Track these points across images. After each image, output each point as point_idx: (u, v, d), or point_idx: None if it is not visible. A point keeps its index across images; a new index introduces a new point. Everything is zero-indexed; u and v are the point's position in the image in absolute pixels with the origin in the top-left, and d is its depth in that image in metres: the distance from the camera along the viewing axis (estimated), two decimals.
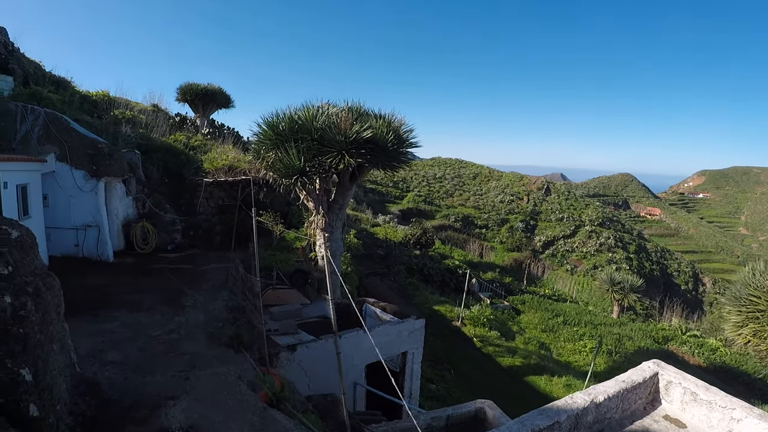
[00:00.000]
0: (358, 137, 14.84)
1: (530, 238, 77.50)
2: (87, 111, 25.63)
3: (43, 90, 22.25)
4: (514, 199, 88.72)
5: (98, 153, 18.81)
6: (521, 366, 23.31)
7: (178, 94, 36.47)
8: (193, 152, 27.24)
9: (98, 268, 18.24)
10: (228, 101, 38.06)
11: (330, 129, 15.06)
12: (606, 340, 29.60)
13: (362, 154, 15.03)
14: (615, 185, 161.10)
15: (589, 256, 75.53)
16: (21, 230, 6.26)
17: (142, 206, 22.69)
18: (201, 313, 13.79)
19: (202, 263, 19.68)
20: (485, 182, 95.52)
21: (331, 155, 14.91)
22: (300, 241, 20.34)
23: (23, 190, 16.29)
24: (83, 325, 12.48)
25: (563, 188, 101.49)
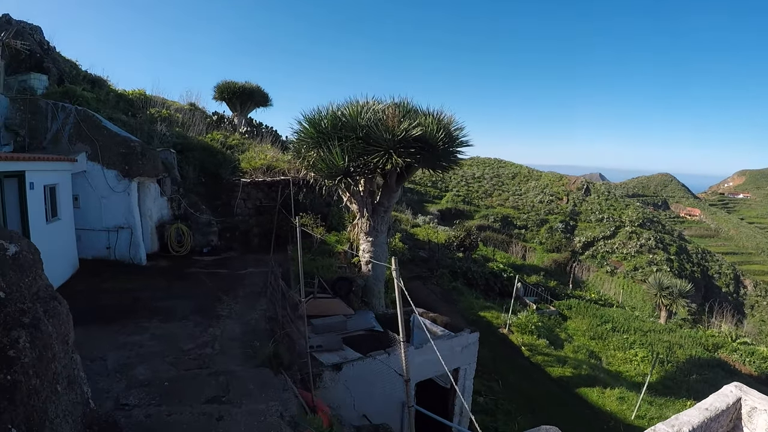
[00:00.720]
0: (407, 135, 13.60)
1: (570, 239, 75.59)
2: (122, 110, 24.93)
3: (77, 88, 21.49)
4: (553, 199, 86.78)
5: (131, 152, 17.95)
6: (572, 377, 21.87)
7: (216, 93, 35.76)
8: (231, 151, 26.40)
9: (130, 272, 17.41)
10: (266, 99, 37.26)
11: (376, 126, 13.85)
12: (656, 347, 27.98)
13: (411, 153, 13.75)
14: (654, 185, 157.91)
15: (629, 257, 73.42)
16: (21, 245, 5.15)
17: (177, 207, 21.87)
18: (237, 324, 12.79)
19: (239, 267, 18.77)
20: (524, 182, 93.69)
21: (378, 155, 13.68)
22: (341, 244, 19.23)
23: (52, 190, 15.50)
24: (112, 336, 11.70)
25: (603, 188, 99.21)
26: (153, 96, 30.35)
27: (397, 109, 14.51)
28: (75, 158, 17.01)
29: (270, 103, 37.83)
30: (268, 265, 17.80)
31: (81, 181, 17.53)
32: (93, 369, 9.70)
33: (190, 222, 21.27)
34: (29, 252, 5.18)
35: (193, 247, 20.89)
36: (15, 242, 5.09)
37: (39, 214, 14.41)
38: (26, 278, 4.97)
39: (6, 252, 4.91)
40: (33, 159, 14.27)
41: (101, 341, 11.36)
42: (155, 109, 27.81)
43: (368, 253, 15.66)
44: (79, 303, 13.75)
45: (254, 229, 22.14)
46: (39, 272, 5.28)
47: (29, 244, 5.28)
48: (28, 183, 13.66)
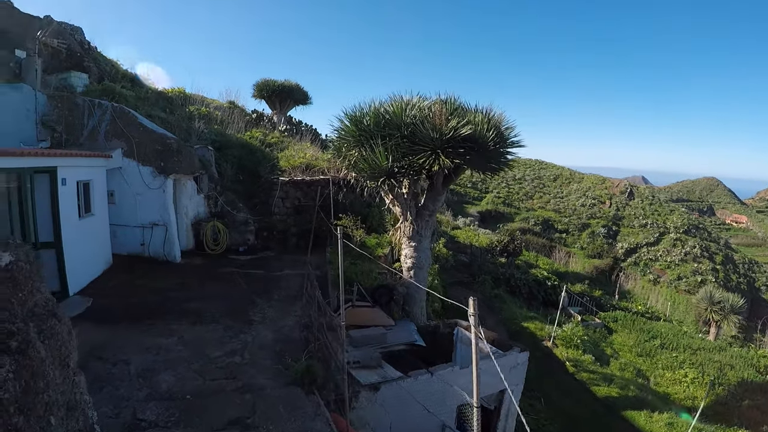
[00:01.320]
0: (456, 134, 12.66)
1: (612, 245, 73.58)
2: (162, 107, 24.48)
3: (116, 86, 21.12)
4: (595, 202, 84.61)
5: (167, 149, 17.52)
6: (618, 397, 20.61)
7: (255, 91, 35.27)
8: (269, 149, 25.88)
9: (163, 269, 16.97)
10: (305, 97, 36.69)
11: (422, 125, 12.95)
12: (707, 368, 26.41)
13: (459, 154, 12.80)
14: (700, 190, 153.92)
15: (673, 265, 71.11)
16: (17, 254, 4.41)
17: (214, 204, 21.34)
18: (269, 331, 12.08)
19: (275, 268, 18.12)
20: (566, 184, 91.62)
21: (424, 155, 12.76)
22: (381, 248, 18.42)
23: (85, 186, 15.14)
24: (138, 337, 11.21)
25: (647, 192, 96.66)
26: (192, 94, 30.11)
27: (443, 106, 13.61)
28: (110, 154, 16.65)
29: (309, 101, 37.23)
30: (305, 266, 17.15)
31: (116, 178, 17.21)
32: (115, 373, 9.34)
33: (226, 220, 20.77)
34: (26, 262, 4.43)
35: (229, 246, 20.39)
36: (10, 251, 4.35)
37: (71, 210, 14.00)
38: (20, 293, 4.22)
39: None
40: (65, 155, 13.83)
41: (127, 342, 10.88)
42: (194, 106, 27.53)
43: (411, 258, 14.79)
44: (108, 300, 13.39)
45: (292, 228, 21.48)
46: (37, 285, 4.53)
47: (28, 254, 4.54)
48: (59, 179, 13.23)
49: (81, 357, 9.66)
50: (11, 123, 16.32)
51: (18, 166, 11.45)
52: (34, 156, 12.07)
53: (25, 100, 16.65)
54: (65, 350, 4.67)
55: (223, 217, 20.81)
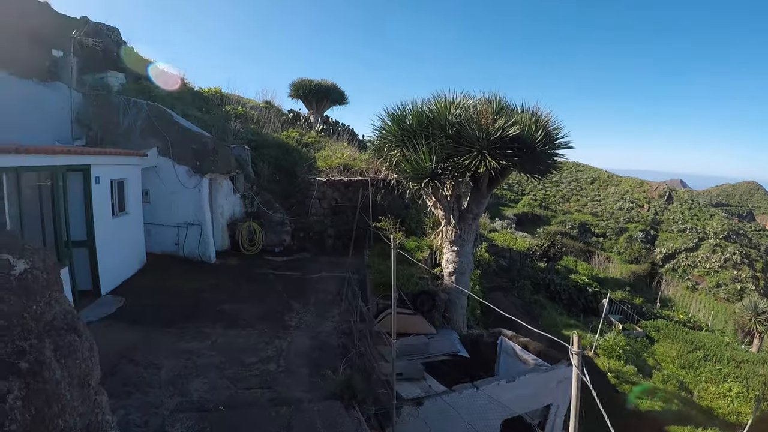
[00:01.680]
0: (503, 135, 12.01)
1: (650, 250, 71.98)
2: (198, 107, 24.51)
3: (151, 85, 21.06)
4: (633, 206, 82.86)
5: (203, 148, 17.15)
6: (661, 411, 19.65)
7: (291, 90, 34.87)
8: (306, 149, 25.47)
9: (197, 270, 16.62)
10: (342, 97, 36.08)
11: (468, 124, 12.32)
12: (751, 382, 25.22)
13: (507, 155, 12.14)
14: (739, 194, 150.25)
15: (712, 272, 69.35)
16: (33, 260, 3.90)
17: (250, 204, 21.02)
18: (306, 337, 11.59)
19: (312, 270, 17.69)
20: (603, 187, 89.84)
21: (469, 156, 12.13)
22: (421, 251, 17.81)
23: (119, 185, 14.86)
24: (170, 340, 10.87)
25: (686, 196, 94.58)
26: (228, 94, 30.08)
27: (489, 105, 12.97)
28: (145, 153, 16.36)
29: (346, 101, 36.56)
30: (342, 268, 16.77)
31: (152, 176, 16.96)
32: (145, 378, 9.04)
33: (262, 220, 20.42)
34: (43, 270, 3.92)
35: (265, 246, 20.04)
36: (26, 257, 3.85)
37: (105, 209, 13.75)
38: (35, 304, 3.71)
39: (11, 271, 3.67)
40: (98, 153, 13.55)
41: (158, 346, 10.54)
42: (230, 106, 27.41)
43: (452, 263, 14.16)
44: (141, 300, 13.05)
45: (329, 229, 20.99)
46: (55, 295, 4.02)
47: (45, 258, 4.03)
48: (93, 177, 12.99)
49: (111, 359, 9.31)
50: (46, 121, 16.20)
51: (50, 164, 11.09)
52: (66, 154, 11.72)
53: (60, 99, 16.53)
54: (85, 368, 4.16)
55: (259, 217, 20.48)
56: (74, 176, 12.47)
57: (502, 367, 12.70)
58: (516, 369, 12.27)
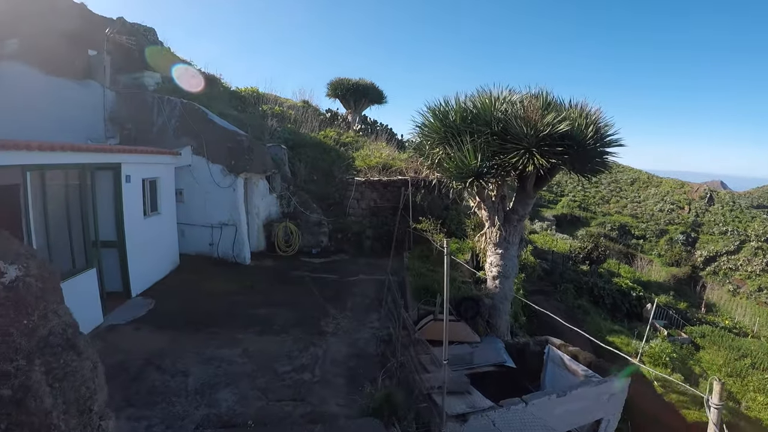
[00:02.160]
0: (552, 131, 11.20)
1: (690, 253, 70.04)
2: (234, 106, 24.34)
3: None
4: (674, 208, 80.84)
5: (238, 146, 16.64)
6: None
7: (329, 90, 34.35)
8: (344, 149, 24.87)
9: (232, 271, 16.11)
10: (380, 96, 35.40)
11: (514, 120, 11.51)
12: None
13: (556, 153, 11.32)
14: None
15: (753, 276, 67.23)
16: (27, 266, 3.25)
17: (287, 204, 20.51)
18: (343, 345, 10.92)
19: (350, 273, 17.03)
20: (643, 188, 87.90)
21: (516, 154, 11.34)
22: (462, 253, 17.06)
23: (152, 184, 14.48)
24: (200, 346, 10.30)
25: (727, 197, 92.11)
26: (265, 93, 29.75)
27: (535, 100, 12.16)
28: (179, 152, 15.96)
29: (385, 100, 35.89)
30: (381, 271, 16.14)
31: (186, 175, 16.57)
32: (171, 387, 8.60)
33: (299, 221, 19.89)
34: (39, 277, 3.28)
35: (302, 248, 19.52)
36: (19, 262, 3.21)
37: (136, 208, 13.36)
38: (25, 319, 3.08)
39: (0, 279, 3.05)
40: (129, 151, 13.08)
41: (187, 352, 9.98)
42: (267, 105, 27.08)
43: (496, 267, 13.34)
44: (171, 303, 12.59)
45: (367, 231, 20.35)
46: (53, 306, 3.38)
47: (41, 265, 3.39)
48: (123, 176, 12.55)
49: (138, 365, 8.67)
50: (79, 120, 15.96)
51: (77, 161, 10.60)
52: (94, 151, 11.30)
53: (93, 97, 16.33)
54: (86, 391, 3.50)
55: (296, 218, 19.97)
56: (104, 175, 12.06)
57: (549, 377, 11.86)
58: (564, 380, 11.45)
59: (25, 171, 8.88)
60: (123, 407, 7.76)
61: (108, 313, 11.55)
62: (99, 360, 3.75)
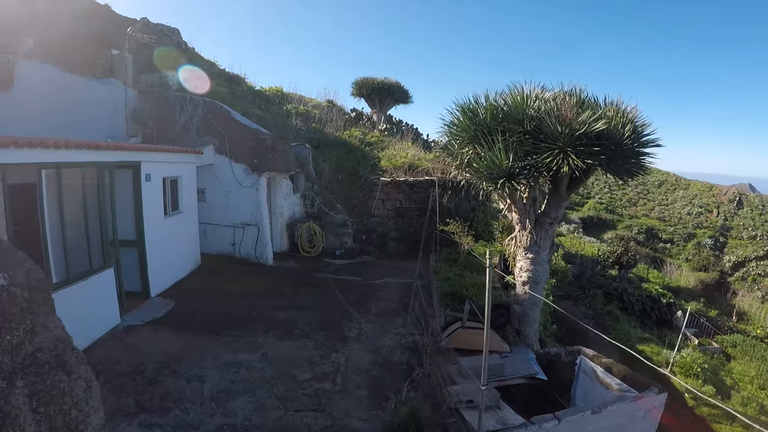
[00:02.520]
0: (588, 130, 10.61)
1: (719, 257, 68.49)
2: (258, 106, 24.01)
3: (210, 82, 20.17)
4: (702, 211, 79.31)
5: (261, 145, 16.24)
6: None
7: (354, 89, 34.05)
8: (369, 149, 24.45)
9: (253, 272, 15.72)
10: (406, 96, 35.05)
11: (548, 118, 10.94)
12: None
13: (593, 153, 10.72)
14: None
15: None
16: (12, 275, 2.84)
17: (311, 205, 20.13)
18: (366, 352, 10.43)
19: (374, 275, 16.53)
20: (671, 191, 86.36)
21: (551, 153, 10.78)
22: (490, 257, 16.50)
23: (173, 183, 14.13)
24: (218, 349, 9.93)
25: (756, 201, 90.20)
26: (290, 93, 29.64)
27: (569, 98, 11.57)
28: (200, 150, 15.63)
29: (410, 100, 35.55)
30: (406, 274, 15.79)
31: (208, 175, 16.26)
32: (186, 393, 8.27)
33: (323, 221, 19.51)
34: (25, 287, 2.85)
35: (325, 249, 19.17)
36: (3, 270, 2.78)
37: (156, 208, 12.99)
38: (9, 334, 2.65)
39: None
40: (149, 149, 12.81)
41: (205, 355, 9.61)
42: (291, 105, 26.90)
43: (526, 272, 12.76)
44: (191, 304, 12.23)
45: (392, 232, 19.88)
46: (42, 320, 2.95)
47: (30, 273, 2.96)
48: (143, 174, 12.20)
49: (153, 368, 8.26)
50: (100, 118, 15.62)
51: (95, 159, 10.20)
52: (113, 149, 10.84)
53: (114, 96, 15.95)
54: (77, 415, 3.07)
55: (320, 219, 19.62)
56: (123, 173, 11.71)
57: (580, 390, 11.21)
58: (596, 394, 10.83)
59: (41, 169, 8.54)
60: (136, 413, 7.47)
61: (126, 313, 11.22)
62: (94, 378, 3.32)
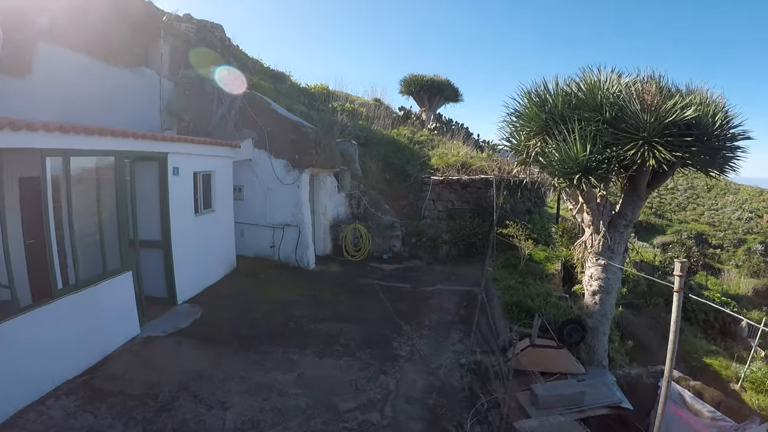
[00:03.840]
0: (677, 119, 8.87)
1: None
2: (303, 103, 22.62)
3: (252, 77, 19.29)
4: (753, 216, 75.75)
5: (303, 139, 14.78)
6: None
7: (402, 86, 32.34)
8: (419, 147, 22.85)
9: (293, 277, 14.18)
10: (456, 94, 33.12)
11: (630, 105, 9.16)
12: None
13: (681, 145, 8.92)
14: None
15: None
16: None
17: (357, 205, 18.56)
18: (419, 374, 8.75)
19: (425, 282, 14.79)
20: (721, 195, 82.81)
21: (635, 144, 9.06)
22: (551, 263, 14.74)
23: (205, 178, 12.75)
24: (247, 368, 8.53)
25: None
26: (336, 91, 28.19)
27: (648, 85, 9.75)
28: (237, 144, 14.17)
29: (460, 98, 33.53)
30: (461, 281, 14.28)
31: (246, 171, 14.88)
32: (206, 421, 6.86)
33: (369, 223, 17.90)
34: None
35: (372, 252, 17.52)
36: None
37: (185, 205, 11.60)
38: None
39: None
40: (177, 140, 11.30)
41: (231, 375, 8.11)
42: (337, 102, 25.41)
43: (597, 280, 10.92)
44: (221, 313, 10.74)
45: (444, 235, 18.04)
46: None
47: None
48: (170, 167, 10.78)
49: (170, 390, 7.87)
50: (133, 110, 14.37)
51: (110, 148, 8.75)
52: (132, 138, 9.33)
53: (148, 87, 14.80)
54: None
55: (366, 220, 18.03)
56: (147, 166, 10.37)
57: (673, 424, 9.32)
58: (683, 422, 9.00)
59: (44, 156, 7.12)
60: None
61: (147, 322, 9.82)
62: None
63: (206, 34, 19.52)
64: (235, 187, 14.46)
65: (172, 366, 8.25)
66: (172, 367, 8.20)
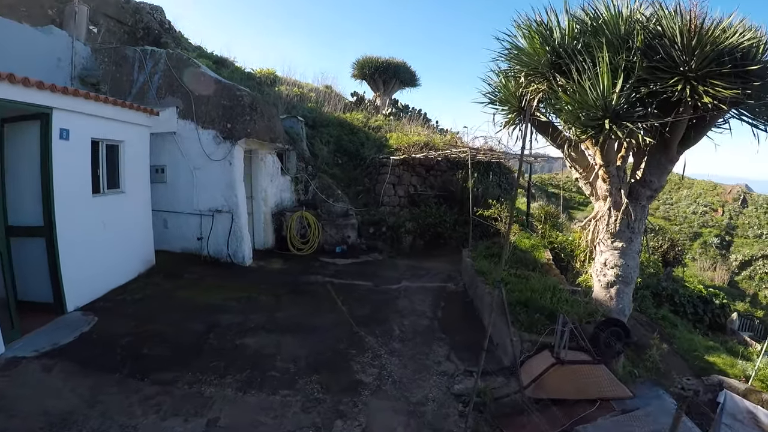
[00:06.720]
0: (731, 46, 6.31)
1: (725, 257, 64.57)
2: (248, 86, 19.69)
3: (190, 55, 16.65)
4: (707, 210, 75.50)
5: (236, 104, 11.99)
6: None
7: (355, 69, 30.17)
8: (373, 132, 20.45)
9: (223, 277, 11.24)
10: (413, 78, 31.16)
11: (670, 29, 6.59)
12: None
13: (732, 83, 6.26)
14: None
15: None
16: None
17: (304, 190, 16.01)
18: (395, 414, 5.94)
19: (389, 279, 12.13)
20: (675, 190, 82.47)
21: (679, 79, 6.37)
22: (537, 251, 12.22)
23: (110, 150, 9.75)
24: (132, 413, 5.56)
25: (761, 200, 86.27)
26: (284, 77, 25.54)
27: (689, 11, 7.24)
28: (156, 110, 11.21)
29: (417, 82, 31.71)
30: (431, 276, 11.80)
31: (170, 147, 11.98)
32: None
33: (319, 211, 15.30)
34: None
35: (322, 245, 14.92)
36: None
37: (78, 181, 8.61)
38: None
39: None
40: (68, 93, 8.14)
41: (108, 421, 5.31)
42: (285, 86, 23.01)
43: (614, 268, 8.34)
44: (120, 324, 7.63)
45: (407, 224, 15.63)
46: None
47: None
48: (55, 129, 7.85)
49: None
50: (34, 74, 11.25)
51: None
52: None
53: (55, 48, 11.80)
54: None
55: (316, 207, 15.42)
56: (25, 127, 7.65)
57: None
58: None
59: None
60: None
61: (18, 337, 6.90)
62: None
63: (145, 17, 17.95)
64: (156, 168, 11.71)
65: (29, 404, 5.39)
66: (28, 407, 5.32)
